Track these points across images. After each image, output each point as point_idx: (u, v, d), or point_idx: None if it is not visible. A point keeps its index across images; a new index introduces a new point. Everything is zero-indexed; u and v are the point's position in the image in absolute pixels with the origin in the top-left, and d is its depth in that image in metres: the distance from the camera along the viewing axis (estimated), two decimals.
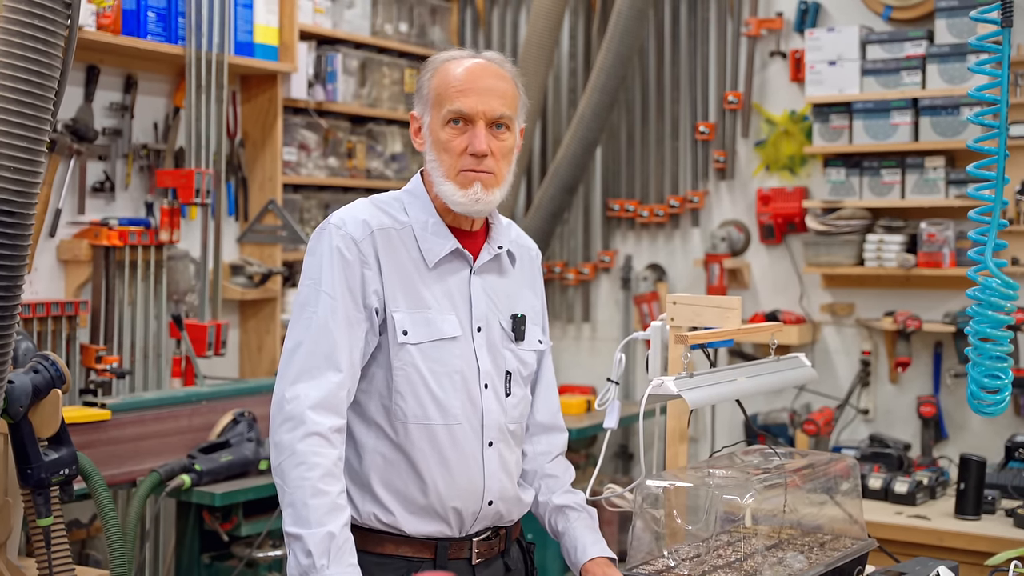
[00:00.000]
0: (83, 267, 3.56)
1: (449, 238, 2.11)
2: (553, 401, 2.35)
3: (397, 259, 2.07)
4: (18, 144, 2.01)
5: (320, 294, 2.03)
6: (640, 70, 4.74)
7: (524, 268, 2.26)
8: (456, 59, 2.12)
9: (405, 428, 2.05)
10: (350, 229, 2.06)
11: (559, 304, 4.96)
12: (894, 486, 3.50)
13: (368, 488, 2.06)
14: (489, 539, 2.14)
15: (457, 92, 2.06)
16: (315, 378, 1.98)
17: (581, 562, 2.22)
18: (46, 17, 2.02)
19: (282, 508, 1.98)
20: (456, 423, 2.07)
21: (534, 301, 2.26)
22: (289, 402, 1.97)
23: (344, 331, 2.01)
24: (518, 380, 2.18)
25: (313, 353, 2.00)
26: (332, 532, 1.92)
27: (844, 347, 4.34)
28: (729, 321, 2.32)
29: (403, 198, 2.16)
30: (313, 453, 1.94)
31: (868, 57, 4.10)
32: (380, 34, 4.71)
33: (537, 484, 2.30)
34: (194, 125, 3.77)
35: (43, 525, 2.48)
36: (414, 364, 2.05)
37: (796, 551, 2.21)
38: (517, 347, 2.17)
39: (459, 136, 2.07)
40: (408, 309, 2.06)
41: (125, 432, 3.25)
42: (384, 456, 2.06)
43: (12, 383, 2.39)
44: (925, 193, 4.02)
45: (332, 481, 1.96)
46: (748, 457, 2.37)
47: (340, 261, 2.04)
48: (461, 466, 2.08)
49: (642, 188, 4.77)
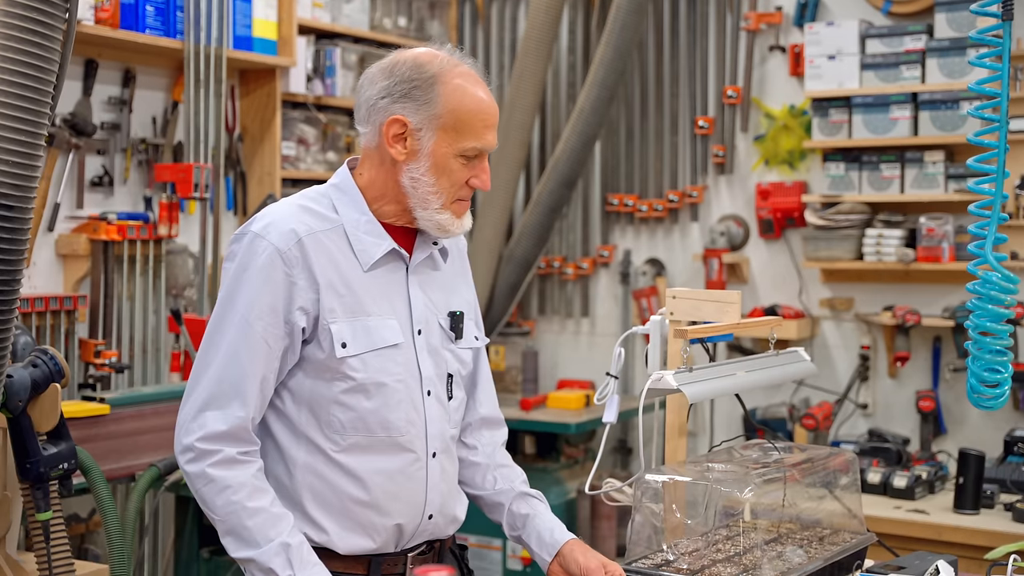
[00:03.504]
0: (82, 261, 3.55)
1: (384, 237, 1.99)
2: (492, 394, 2.28)
3: (330, 264, 1.94)
4: (16, 138, 2.01)
5: (233, 314, 1.90)
6: (639, 65, 4.74)
7: (455, 262, 2.16)
8: (468, 78, 1.97)
9: (343, 442, 1.95)
10: (274, 239, 1.90)
11: (558, 299, 4.96)
12: (893, 480, 3.51)
13: (299, 506, 1.95)
14: (424, 553, 2.06)
15: (483, 128, 1.95)
16: (222, 408, 1.88)
17: (559, 543, 2.11)
18: (44, 11, 2.01)
19: (221, 538, 1.90)
20: (400, 435, 1.97)
21: (468, 295, 2.17)
22: (195, 432, 1.89)
23: (256, 357, 1.89)
24: (458, 382, 2.10)
25: (222, 381, 1.89)
26: (285, 542, 1.86)
27: (843, 342, 4.34)
28: (728, 315, 2.32)
29: (331, 194, 2.01)
30: (231, 476, 1.87)
31: (867, 51, 4.09)
32: (379, 28, 4.71)
33: (492, 476, 2.22)
34: (193, 119, 3.76)
35: (42, 519, 2.47)
36: (353, 376, 1.93)
37: (795, 545, 2.21)
38: (456, 346, 2.08)
39: (466, 166, 1.96)
40: (346, 318, 1.93)
41: (124, 427, 3.25)
42: (317, 472, 1.95)
43: (11, 377, 2.39)
44: (924, 188, 4.02)
45: (261, 495, 1.88)
46: (747, 451, 2.37)
47: (260, 276, 1.89)
48: (402, 479, 1.97)
49: (641, 183, 4.77)
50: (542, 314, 5.02)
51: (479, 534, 4.29)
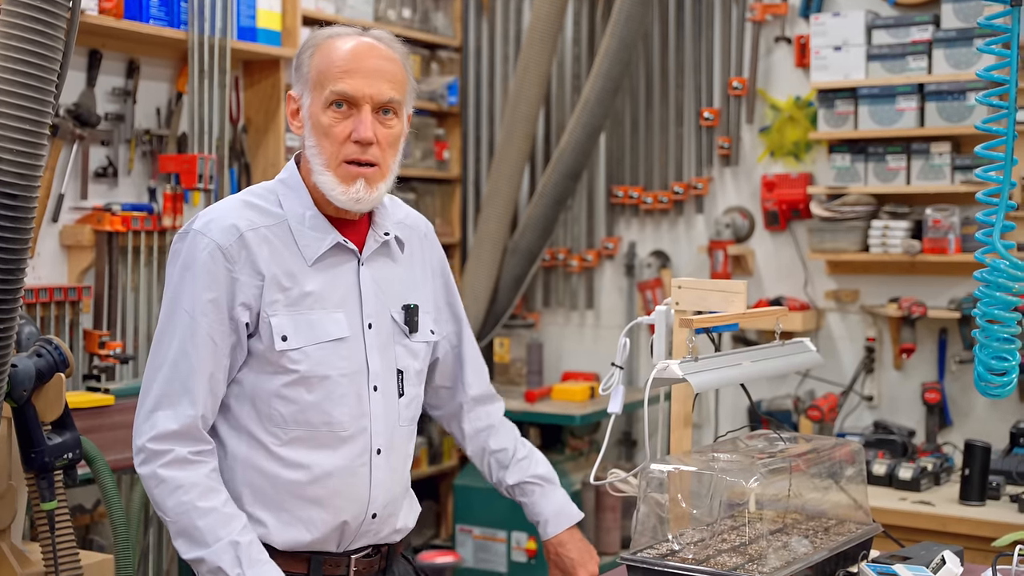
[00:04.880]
0: (86, 252, 3.55)
1: (329, 231, 1.96)
2: (482, 370, 2.27)
3: (275, 258, 1.92)
4: (20, 128, 2.00)
5: (179, 312, 1.90)
6: (644, 56, 4.72)
7: (415, 252, 2.12)
8: (341, 36, 1.96)
9: (285, 436, 1.93)
10: (216, 236, 1.90)
11: (562, 291, 4.95)
12: (898, 472, 3.50)
13: (238, 500, 1.93)
14: (369, 556, 2.03)
15: (341, 72, 1.90)
16: (173, 407, 1.88)
17: (549, 535, 2.26)
18: (48, 1, 2.01)
19: (173, 540, 1.89)
20: (342, 430, 1.95)
21: (428, 287, 2.14)
22: (146, 433, 1.89)
23: (203, 354, 1.89)
24: (411, 378, 2.06)
25: (171, 380, 1.89)
26: (235, 540, 1.84)
27: (849, 333, 4.33)
28: (734, 305, 2.31)
29: (277, 189, 1.99)
30: (183, 476, 1.86)
31: (874, 42, 4.08)
32: (383, 20, 4.70)
33: (485, 464, 2.25)
34: (197, 110, 3.76)
35: (47, 509, 2.47)
36: (294, 369, 1.91)
37: (801, 536, 2.21)
38: (410, 341, 2.05)
39: (342, 121, 1.91)
40: (289, 311, 1.91)
41: (128, 417, 3.19)
42: (257, 467, 1.94)
43: (15, 367, 2.39)
44: (931, 179, 4.00)
45: (213, 495, 1.87)
46: (752, 442, 2.37)
47: (202, 273, 1.89)
48: (346, 475, 1.95)
49: (646, 174, 4.76)
50: (547, 306, 5.01)
51: (483, 525, 4.29)
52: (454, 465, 4.91)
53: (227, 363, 1.92)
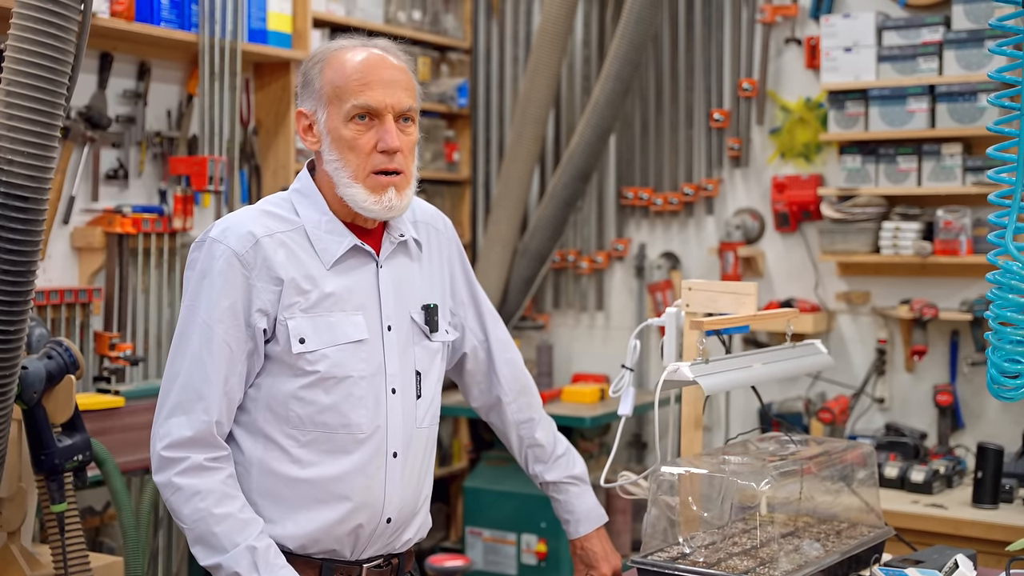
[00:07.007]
0: (97, 254, 3.56)
1: (345, 235, 1.98)
2: (515, 362, 2.29)
3: (292, 262, 1.94)
4: (32, 130, 2.01)
5: (196, 321, 1.91)
6: (654, 57, 4.72)
7: (432, 250, 2.14)
8: (348, 48, 1.98)
9: (302, 438, 1.94)
10: (232, 243, 1.92)
11: (572, 293, 4.94)
12: (910, 475, 3.48)
13: (254, 505, 1.94)
14: (380, 567, 2.03)
15: (360, 85, 1.93)
16: (188, 413, 1.89)
17: (580, 534, 2.31)
18: (60, 3, 2.01)
19: (191, 548, 1.90)
20: (360, 432, 1.95)
21: (446, 286, 2.15)
22: (162, 439, 1.90)
23: (219, 360, 1.90)
24: (429, 379, 2.07)
25: (187, 387, 1.90)
26: (252, 545, 1.85)
27: (860, 335, 4.32)
28: (745, 307, 2.30)
29: (292, 198, 2.01)
30: (199, 483, 1.87)
31: (884, 43, 4.06)
32: (393, 22, 4.70)
33: (523, 455, 2.31)
34: (207, 112, 3.77)
35: (57, 511, 2.48)
36: (312, 371, 1.92)
37: (812, 539, 2.20)
38: (429, 341, 2.06)
39: (365, 133, 1.93)
40: (308, 314, 1.92)
41: (139, 419, 3.25)
42: (272, 469, 1.94)
43: (26, 368, 2.39)
44: (942, 180, 3.99)
45: (229, 501, 1.88)
46: (763, 444, 2.36)
47: (220, 280, 1.90)
48: (362, 478, 1.96)
49: (656, 176, 4.75)
50: (557, 308, 5.01)
51: (493, 528, 4.29)
52: (464, 467, 4.91)
53: (243, 369, 1.93)
